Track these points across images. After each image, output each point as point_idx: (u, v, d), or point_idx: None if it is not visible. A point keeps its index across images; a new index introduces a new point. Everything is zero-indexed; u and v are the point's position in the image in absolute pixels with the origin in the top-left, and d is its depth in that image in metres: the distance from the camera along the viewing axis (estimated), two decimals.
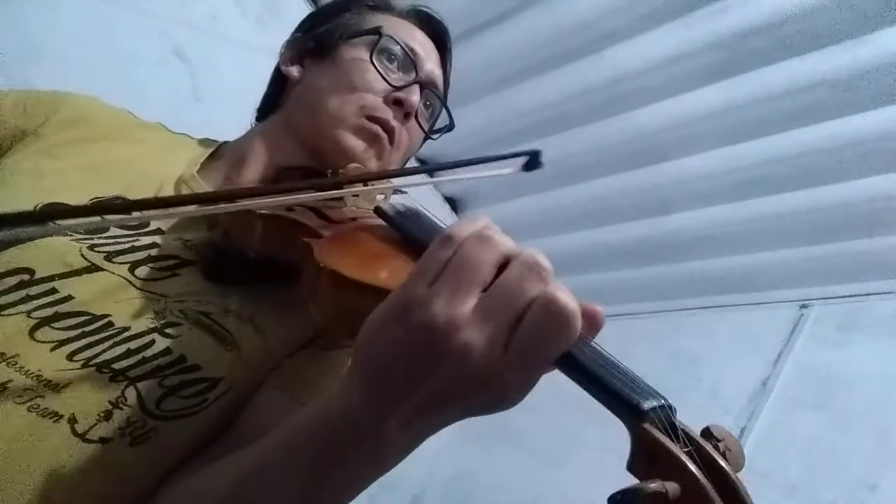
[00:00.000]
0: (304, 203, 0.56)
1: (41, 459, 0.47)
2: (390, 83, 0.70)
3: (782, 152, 1.35)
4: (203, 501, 0.45)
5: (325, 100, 0.70)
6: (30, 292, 0.52)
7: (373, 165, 0.71)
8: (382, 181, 0.60)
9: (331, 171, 0.67)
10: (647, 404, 0.30)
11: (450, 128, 0.82)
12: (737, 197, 1.50)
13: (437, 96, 0.78)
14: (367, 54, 0.70)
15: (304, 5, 1.61)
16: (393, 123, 0.69)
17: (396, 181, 0.60)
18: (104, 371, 0.51)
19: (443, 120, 0.82)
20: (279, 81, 0.79)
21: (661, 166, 1.54)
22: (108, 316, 0.53)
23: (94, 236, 0.58)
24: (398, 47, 0.71)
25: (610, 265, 1.84)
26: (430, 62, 0.75)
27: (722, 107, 1.36)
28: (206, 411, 0.54)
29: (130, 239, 0.59)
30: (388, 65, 0.71)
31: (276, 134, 0.74)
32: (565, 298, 0.32)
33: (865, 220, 1.35)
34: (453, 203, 2.05)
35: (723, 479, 0.29)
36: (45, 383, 0.49)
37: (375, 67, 0.69)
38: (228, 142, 0.78)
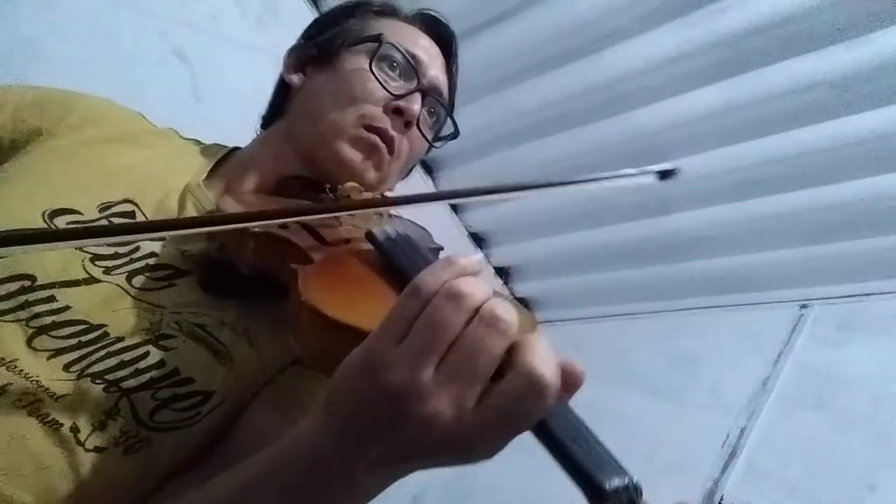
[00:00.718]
0: (298, 219, 0.56)
1: (37, 463, 0.47)
2: (390, 91, 0.68)
3: (782, 152, 1.35)
4: None
5: (325, 109, 0.69)
6: (29, 299, 0.52)
7: (371, 176, 0.69)
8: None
9: (329, 184, 0.66)
10: (611, 484, 0.30)
11: (454, 135, 0.80)
12: (737, 197, 1.50)
13: (441, 103, 0.76)
14: (367, 62, 0.69)
15: (304, 5, 1.61)
16: (392, 133, 0.68)
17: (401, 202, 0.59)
18: (98, 382, 0.51)
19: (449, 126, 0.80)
20: (283, 89, 0.78)
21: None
22: (105, 326, 0.53)
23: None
24: (399, 54, 0.70)
25: (610, 265, 1.84)
26: (433, 68, 0.73)
27: (722, 107, 1.35)
28: (199, 424, 0.54)
29: (132, 247, 0.59)
30: (389, 72, 0.70)
31: (278, 142, 0.73)
32: (544, 368, 0.32)
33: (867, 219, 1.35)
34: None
35: None
36: (44, 390, 0.49)
37: (375, 76, 0.68)
38: (238, 148, 0.77)
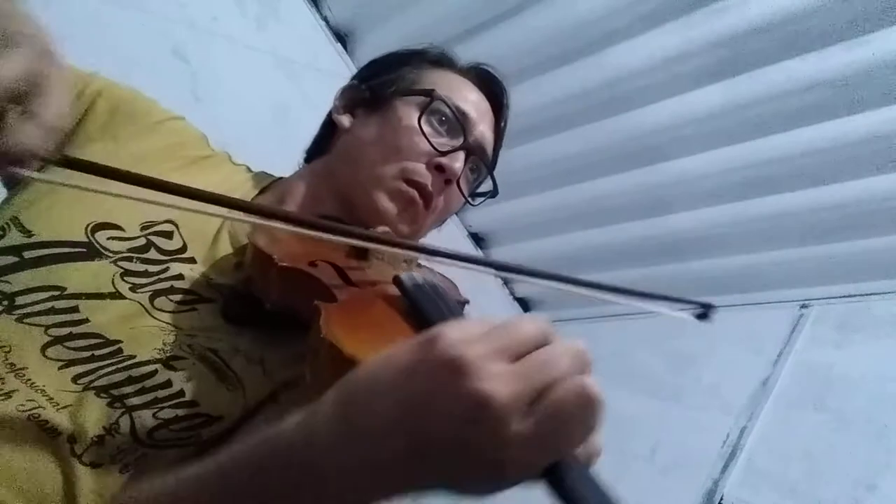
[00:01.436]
0: (327, 259, 0.55)
1: (32, 470, 0.47)
2: (435, 148, 0.68)
3: (782, 152, 1.35)
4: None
5: (368, 156, 0.69)
6: (56, 306, 0.53)
7: (404, 229, 0.70)
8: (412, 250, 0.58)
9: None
10: None
11: (493, 194, 0.80)
12: (737, 197, 1.50)
13: (484, 162, 0.76)
14: (416, 115, 0.69)
15: (304, 5, 1.61)
16: (431, 189, 0.68)
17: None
18: (102, 396, 0.51)
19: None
20: (330, 126, 0.78)
21: (661, 166, 1.54)
22: (120, 343, 0.53)
23: (134, 256, 0.58)
24: (449, 110, 0.70)
25: (610, 265, 1.84)
26: (481, 124, 0.73)
27: (722, 107, 1.35)
28: (196, 444, 0.53)
29: (162, 267, 0.59)
30: (437, 127, 0.70)
31: (317, 180, 0.73)
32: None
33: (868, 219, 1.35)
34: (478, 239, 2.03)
35: None
36: (48, 399, 0.49)
37: (422, 130, 0.68)
38: (282, 178, 0.77)
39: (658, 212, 1.64)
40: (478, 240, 2.05)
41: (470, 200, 0.77)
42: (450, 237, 1.93)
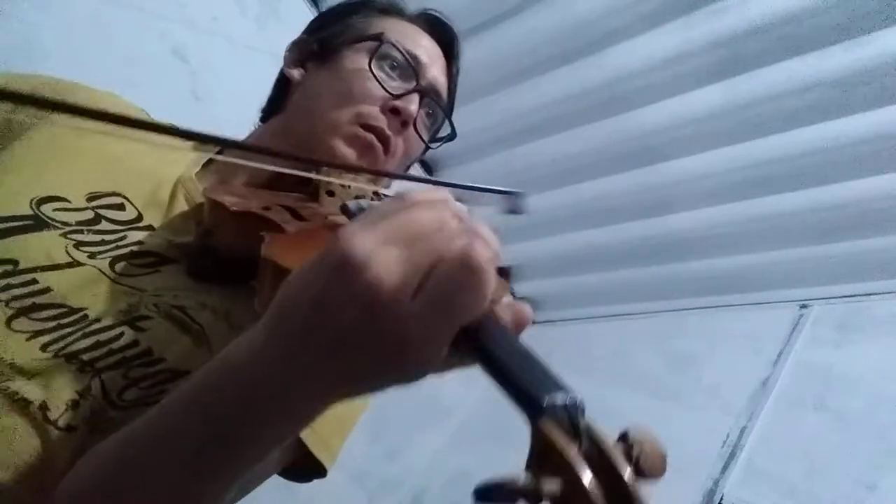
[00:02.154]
0: (281, 203, 0.56)
1: (8, 439, 0.48)
2: (388, 91, 0.69)
3: (782, 152, 1.35)
4: (93, 460, 0.45)
5: (322, 106, 0.69)
6: (11, 282, 0.53)
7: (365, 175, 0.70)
8: (360, 179, 0.59)
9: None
10: (550, 400, 0.28)
11: (451, 137, 0.80)
12: (737, 197, 1.50)
13: (440, 105, 0.76)
14: (367, 60, 0.69)
15: (304, 5, 1.61)
16: (388, 133, 0.68)
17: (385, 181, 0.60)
18: (73, 362, 0.51)
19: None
20: (283, 83, 0.78)
21: (661, 166, 1.54)
22: (85, 309, 0.54)
23: (85, 229, 0.58)
24: (399, 54, 0.70)
25: (610, 265, 1.84)
26: (433, 69, 0.73)
27: (722, 107, 1.36)
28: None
29: (118, 235, 0.59)
30: (388, 72, 0.70)
31: (274, 138, 0.73)
32: (481, 252, 0.31)
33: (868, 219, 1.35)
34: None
35: (618, 485, 0.27)
36: (17, 370, 0.50)
37: (374, 75, 0.68)
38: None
39: (658, 212, 1.64)
40: None
41: (429, 144, 0.77)
42: None
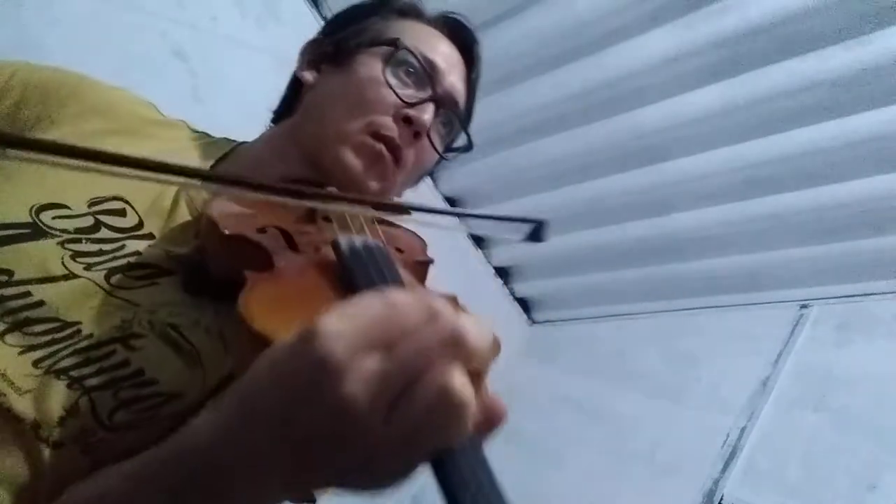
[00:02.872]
0: (277, 224, 0.53)
1: (3, 454, 0.47)
2: (402, 99, 0.66)
3: (782, 152, 1.35)
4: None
5: (333, 111, 0.67)
6: (4, 293, 0.52)
7: (373, 186, 0.67)
8: (362, 206, 0.55)
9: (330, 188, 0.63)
10: None
11: (467, 148, 0.77)
12: (737, 197, 1.50)
13: (456, 114, 0.72)
14: (381, 66, 0.66)
15: (304, 5, 1.61)
16: (399, 143, 0.65)
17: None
18: (62, 378, 0.50)
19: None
20: (295, 86, 0.75)
21: (661, 166, 1.54)
22: (79, 323, 0.52)
23: (83, 237, 0.57)
24: (416, 60, 0.67)
25: (610, 265, 1.84)
26: (451, 76, 0.70)
27: (722, 107, 1.36)
28: (158, 425, 0.52)
29: (117, 245, 0.58)
30: (404, 78, 0.67)
31: (283, 141, 0.71)
32: (462, 389, 0.29)
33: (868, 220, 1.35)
34: (452, 202, 2.04)
35: None
36: (9, 384, 0.49)
37: (388, 82, 0.66)
38: (245, 143, 0.75)
39: (658, 212, 1.64)
40: (478, 240, 2.05)
41: (443, 155, 0.74)
42: (449, 237, 1.93)
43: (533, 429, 1.75)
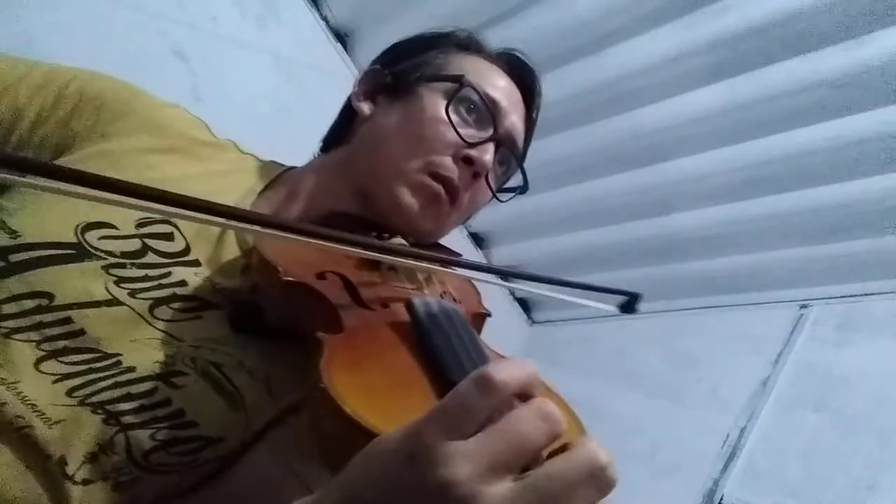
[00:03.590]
0: (337, 269, 0.51)
1: (19, 489, 0.45)
2: (463, 139, 0.64)
3: (782, 152, 1.35)
4: None
5: (390, 146, 0.64)
6: (43, 319, 0.49)
7: (427, 226, 0.65)
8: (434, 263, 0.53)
9: (379, 230, 0.61)
10: None
11: (523, 189, 0.75)
12: (737, 197, 1.50)
13: (514, 155, 0.71)
14: (444, 103, 0.64)
15: (304, 5, 1.61)
16: (457, 184, 0.64)
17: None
18: (98, 412, 0.48)
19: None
20: (348, 114, 0.73)
21: (661, 166, 1.54)
22: (119, 355, 0.50)
23: (128, 262, 0.54)
24: (479, 98, 0.65)
25: (610, 265, 1.84)
26: (513, 114, 0.69)
27: (722, 107, 1.35)
28: (196, 469, 0.51)
29: (163, 271, 0.55)
30: (465, 116, 0.66)
31: (334, 172, 0.68)
32: (607, 457, 0.28)
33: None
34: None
35: None
36: (38, 414, 0.47)
37: (450, 120, 0.64)
38: (293, 168, 0.72)
39: (658, 212, 1.64)
40: (478, 240, 2.05)
41: (498, 196, 0.72)
42: (450, 238, 1.93)
43: None
